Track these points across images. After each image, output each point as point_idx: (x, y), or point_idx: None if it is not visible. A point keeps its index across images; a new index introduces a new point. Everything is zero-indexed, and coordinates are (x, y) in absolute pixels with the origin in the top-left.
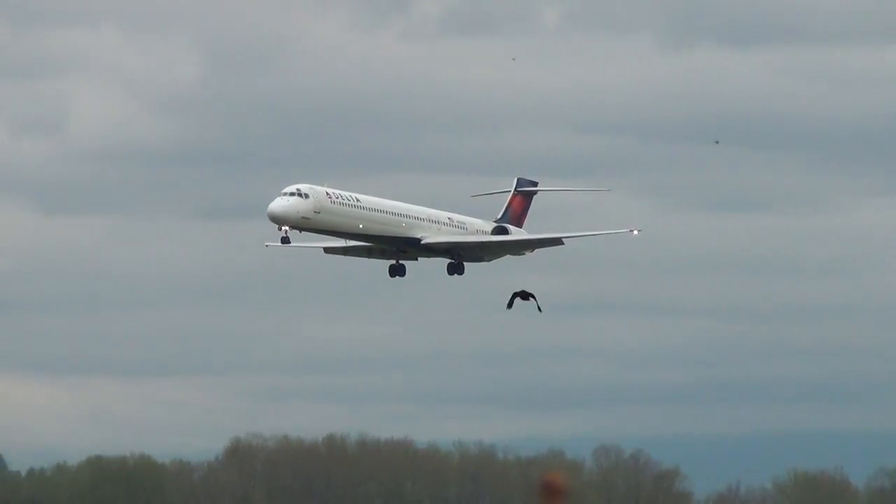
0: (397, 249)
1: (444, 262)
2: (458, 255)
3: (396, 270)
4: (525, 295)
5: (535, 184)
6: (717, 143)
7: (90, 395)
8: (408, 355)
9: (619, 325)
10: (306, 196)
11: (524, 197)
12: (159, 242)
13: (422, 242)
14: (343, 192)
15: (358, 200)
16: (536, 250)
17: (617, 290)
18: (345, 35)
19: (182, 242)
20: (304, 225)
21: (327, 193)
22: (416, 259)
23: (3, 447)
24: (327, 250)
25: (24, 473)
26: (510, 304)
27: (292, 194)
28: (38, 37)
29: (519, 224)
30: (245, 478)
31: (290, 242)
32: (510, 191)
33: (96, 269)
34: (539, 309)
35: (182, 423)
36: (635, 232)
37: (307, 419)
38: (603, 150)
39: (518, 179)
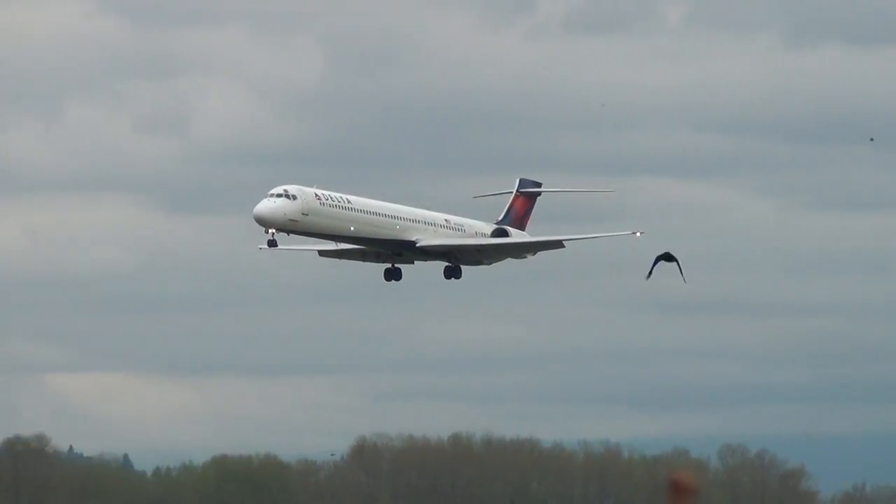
0: (392, 252)
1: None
2: (455, 259)
3: (392, 274)
4: (669, 257)
5: (538, 184)
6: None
7: (215, 394)
8: (533, 354)
9: (744, 325)
10: (294, 197)
11: (527, 198)
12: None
13: (417, 245)
14: (333, 194)
15: (349, 202)
16: (539, 253)
17: (741, 289)
18: (469, 35)
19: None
20: (292, 227)
21: (316, 195)
22: (413, 262)
23: (129, 447)
24: (321, 253)
25: (149, 473)
26: (650, 274)
27: (279, 196)
28: (163, 36)
29: (521, 226)
30: (370, 477)
31: (277, 245)
32: (512, 192)
33: (220, 268)
34: (682, 276)
35: (308, 422)
36: (638, 234)
37: (433, 418)
38: (725, 150)
39: (520, 180)
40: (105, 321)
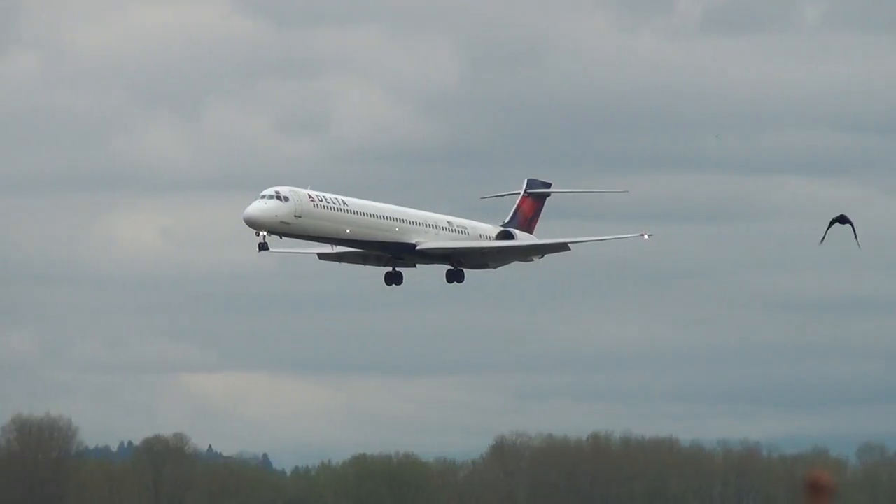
0: (392, 256)
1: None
2: (458, 262)
3: (393, 278)
4: (843, 219)
5: (547, 185)
6: None
7: (354, 393)
8: (672, 354)
9: (882, 323)
10: (286, 199)
11: (535, 199)
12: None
13: (417, 248)
14: (328, 195)
15: (345, 203)
16: (546, 256)
17: (877, 287)
18: (606, 35)
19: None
20: (283, 230)
21: (310, 196)
22: (415, 266)
23: (268, 446)
24: (321, 256)
25: (288, 472)
26: (823, 239)
27: (271, 197)
28: (302, 36)
29: (529, 228)
30: (509, 476)
31: (268, 249)
32: (519, 192)
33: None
34: (857, 239)
35: (446, 421)
36: (646, 237)
37: (572, 418)
38: (861, 149)
39: (528, 180)
40: (243, 321)
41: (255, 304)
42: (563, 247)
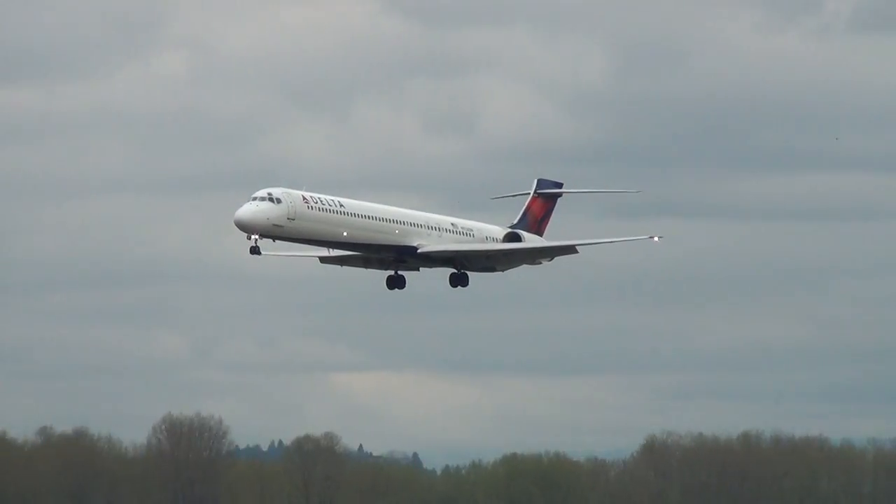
0: (394, 259)
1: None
2: (463, 265)
3: (395, 282)
4: None
5: (559, 185)
6: None
7: (504, 393)
8: (820, 352)
9: None
10: (278, 201)
11: (545, 200)
12: (566, 240)
13: (418, 251)
14: (324, 196)
15: (341, 205)
16: (556, 258)
17: None
18: (754, 34)
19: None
20: (276, 233)
21: (304, 198)
22: (418, 269)
23: (419, 446)
24: (322, 260)
25: (439, 472)
26: None
27: (262, 199)
28: (451, 35)
29: (539, 229)
30: (660, 475)
31: (260, 253)
32: (529, 193)
33: None
34: None
35: (596, 421)
36: (656, 239)
37: (722, 417)
38: None
39: (538, 180)
40: (394, 320)
41: (405, 304)
42: (570, 249)
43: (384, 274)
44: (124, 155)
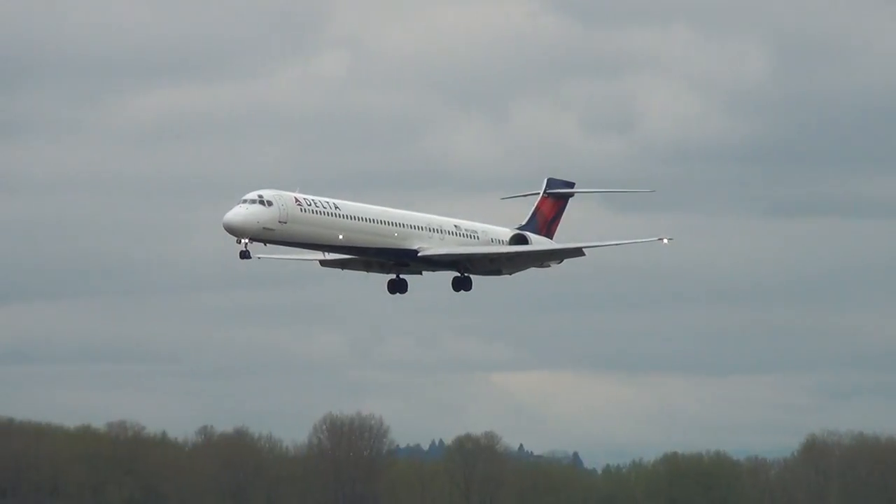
0: (395, 262)
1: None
2: (466, 268)
3: (397, 286)
4: None
5: (570, 185)
6: None
7: (664, 392)
8: None
9: None
10: (269, 203)
11: (556, 200)
12: (726, 239)
13: (419, 255)
14: (318, 198)
15: (336, 207)
16: (565, 261)
17: None
18: None
19: (754, 239)
20: (267, 237)
21: (296, 200)
22: (421, 273)
23: (579, 446)
24: (323, 263)
25: (599, 471)
26: None
27: (253, 202)
28: (610, 35)
29: (549, 231)
30: (820, 475)
31: (250, 257)
32: (539, 193)
33: (664, 265)
34: None
35: (757, 420)
36: (665, 241)
37: (883, 416)
38: None
39: (548, 180)
40: (552, 320)
41: (563, 304)
42: (576, 252)
43: (388, 278)
44: (283, 155)
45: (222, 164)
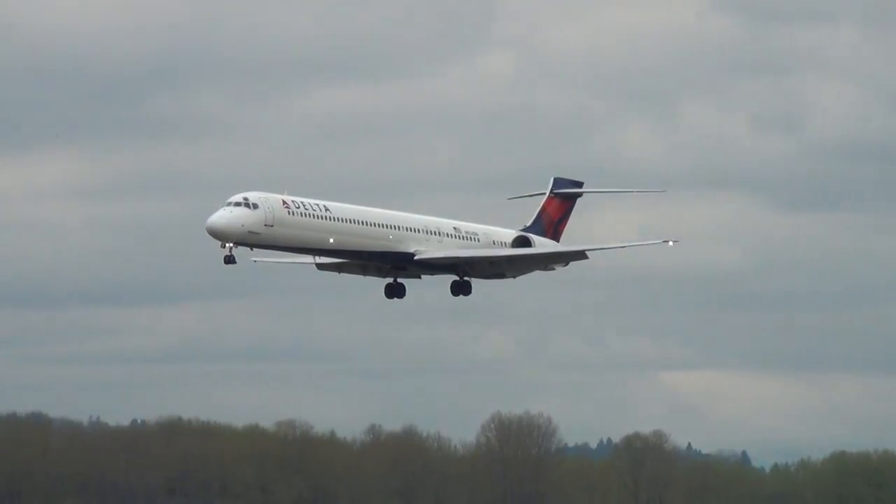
0: (392, 266)
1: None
2: (465, 272)
3: (394, 291)
4: None
5: (578, 184)
6: None
7: (832, 391)
8: None
9: None
10: (255, 206)
11: (563, 200)
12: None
13: (415, 258)
14: (307, 200)
15: (327, 210)
16: (570, 264)
17: None
18: None
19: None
20: (253, 241)
21: (283, 202)
22: (419, 277)
23: (747, 444)
24: (320, 266)
25: (767, 469)
26: None
27: (237, 204)
28: (778, 33)
29: (556, 232)
30: None
31: (235, 262)
32: (545, 193)
33: (836, 265)
34: None
35: None
36: (671, 243)
37: None
38: None
39: (555, 179)
40: (722, 319)
41: (733, 303)
42: (579, 255)
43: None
44: (451, 154)
45: (390, 164)
